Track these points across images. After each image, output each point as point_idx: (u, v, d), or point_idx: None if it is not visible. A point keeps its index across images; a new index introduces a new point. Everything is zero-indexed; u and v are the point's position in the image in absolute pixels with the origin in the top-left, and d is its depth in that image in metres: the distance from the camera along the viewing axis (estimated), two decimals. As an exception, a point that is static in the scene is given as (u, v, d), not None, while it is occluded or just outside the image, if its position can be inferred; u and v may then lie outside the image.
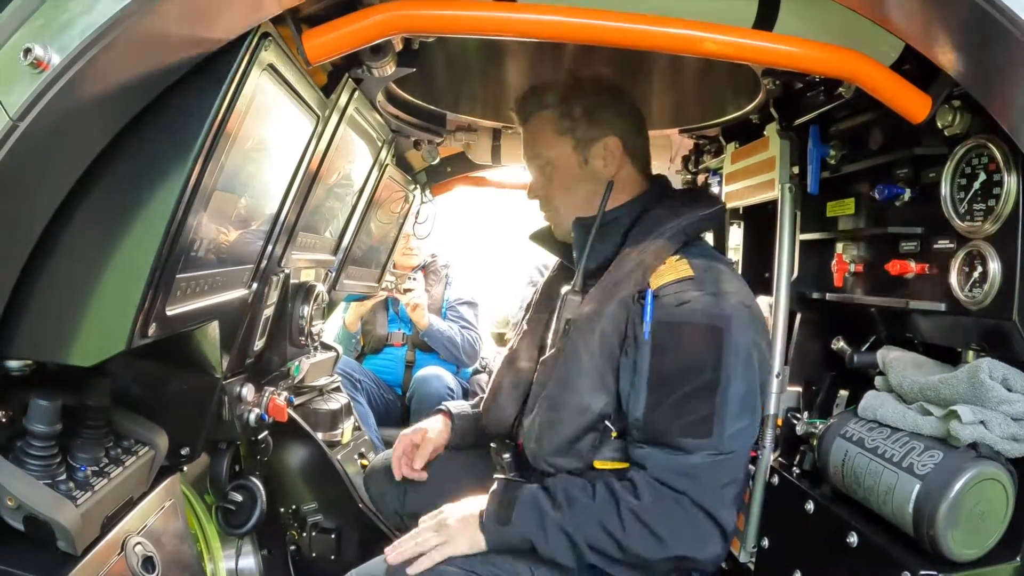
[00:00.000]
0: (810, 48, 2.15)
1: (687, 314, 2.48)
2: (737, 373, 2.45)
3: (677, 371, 2.47)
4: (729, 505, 2.45)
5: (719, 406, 2.43)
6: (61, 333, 2.00)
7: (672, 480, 2.41)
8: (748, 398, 2.49)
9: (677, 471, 2.41)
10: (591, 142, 2.76)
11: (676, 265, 2.58)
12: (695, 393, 2.44)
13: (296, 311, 3.48)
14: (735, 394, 2.44)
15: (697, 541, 2.42)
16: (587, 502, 2.44)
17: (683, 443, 2.42)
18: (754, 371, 2.52)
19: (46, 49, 1.55)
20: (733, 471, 2.46)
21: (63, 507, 2.11)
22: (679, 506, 2.39)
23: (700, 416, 2.43)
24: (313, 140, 2.74)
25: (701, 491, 2.39)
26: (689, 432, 2.42)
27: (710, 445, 2.42)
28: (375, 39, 2.12)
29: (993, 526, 2.19)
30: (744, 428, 2.48)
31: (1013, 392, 2.17)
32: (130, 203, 1.92)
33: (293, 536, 4.10)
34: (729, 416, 2.43)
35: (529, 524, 2.43)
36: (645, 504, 2.39)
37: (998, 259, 2.18)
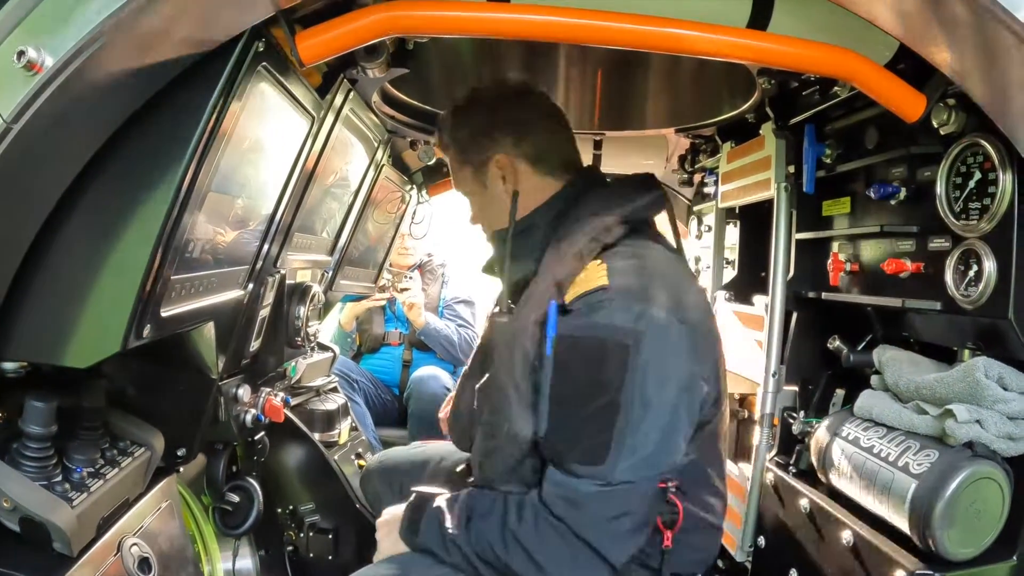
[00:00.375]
0: (804, 47, 2.16)
1: (593, 328, 2.25)
2: (643, 397, 2.19)
3: (576, 391, 2.26)
4: (619, 538, 2.25)
5: (618, 432, 2.19)
6: (56, 335, 2.00)
7: (554, 505, 2.23)
8: (654, 425, 2.22)
9: (561, 496, 2.23)
10: (483, 165, 2.65)
11: (595, 272, 2.34)
12: (593, 416, 2.22)
13: (292, 312, 3.48)
14: (638, 421, 2.19)
15: (579, 572, 2.25)
16: (480, 521, 2.32)
17: (574, 468, 2.22)
18: (670, 395, 2.25)
19: (39, 52, 1.55)
20: (627, 503, 2.23)
21: (59, 508, 2.11)
22: (557, 534, 2.22)
23: (595, 442, 2.21)
24: (308, 141, 2.74)
25: (583, 522, 2.20)
26: (581, 458, 2.22)
27: (599, 474, 2.19)
28: (369, 40, 2.12)
29: (989, 525, 2.20)
30: (645, 459, 2.22)
31: (1009, 391, 2.19)
32: (124, 205, 1.92)
33: (290, 536, 4.10)
34: (627, 445, 2.19)
35: (433, 539, 2.37)
36: (525, 527, 2.24)
37: (993, 258, 2.18)
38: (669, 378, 2.24)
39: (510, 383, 2.36)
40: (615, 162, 4.38)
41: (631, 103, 3.99)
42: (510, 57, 3.40)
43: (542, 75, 3.63)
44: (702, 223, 4.56)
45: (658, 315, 2.24)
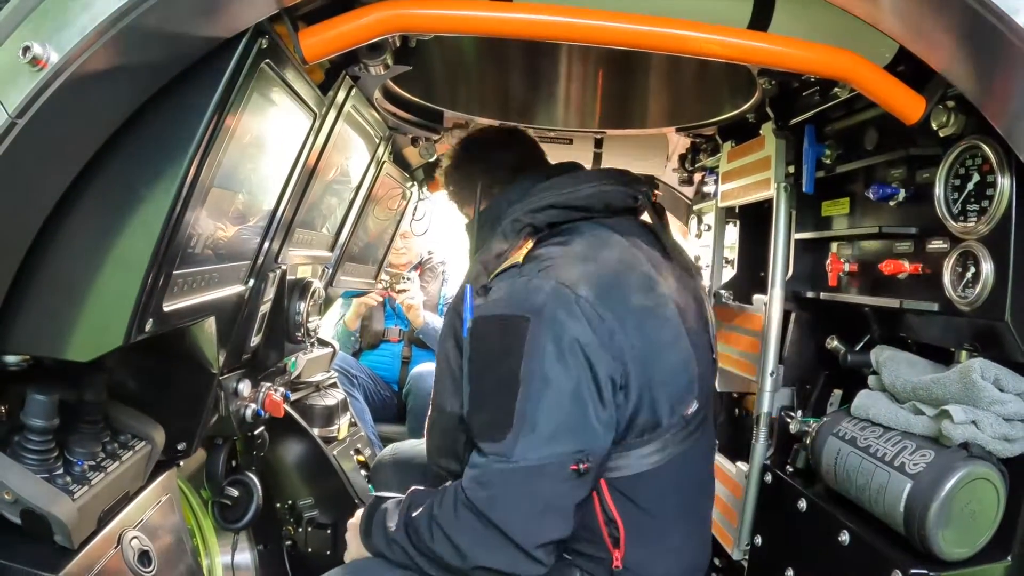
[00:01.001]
0: (803, 48, 2.16)
1: (499, 305, 2.29)
2: (543, 370, 2.17)
3: (483, 367, 2.29)
4: (528, 521, 2.18)
5: (518, 408, 2.17)
6: (59, 328, 2.01)
7: (468, 486, 2.21)
8: (560, 399, 2.18)
9: (473, 478, 2.21)
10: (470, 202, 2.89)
11: (519, 253, 2.41)
12: (495, 390, 2.23)
13: (293, 307, 3.49)
14: (540, 393, 2.17)
15: (495, 555, 2.19)
16: (414, 512, 2.32)
17: (482, 447, 2.22)
18: (577, 370, 2.19)
19: (44, 47, 1.56)
20: (529, 483, 2.18)
21: (60, 501, 2.12)
22: (471, 516, 2.19)
23: (496, 416, 2.20)
24: (310, 137, 2.74)
25: (490, 503, 2.17)
26: (486, 433, 2.22)
27: (500, 451, 2.17)
28: (372, 38, 2.13)
29: (984, 526, 2.20)
30: (552, 435, 2.17)
31: (1005, 392, 2.19)
32: (128, 200, 1.93)
33: (289, 531, 4.12)
34: (530, 420, 2.16)
35: (379, 541, 2.39)
36: (445, 512, 2.23)
37: (991, 260, 2.18)
38: (568, 351, 2.20)
39: (444, 361, 2.48)
40: (616, 161, 4.38)
41: (632, 102, 3.99)
42: (512, 55, 3.41)
43: (544, 73, 3.65)
44: (702, 222, 4.57)
45: (560, 289, 2.25)
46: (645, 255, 2.55)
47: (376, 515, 2.43)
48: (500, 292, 2.32)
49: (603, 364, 2.23)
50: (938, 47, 1.94)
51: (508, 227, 2.48)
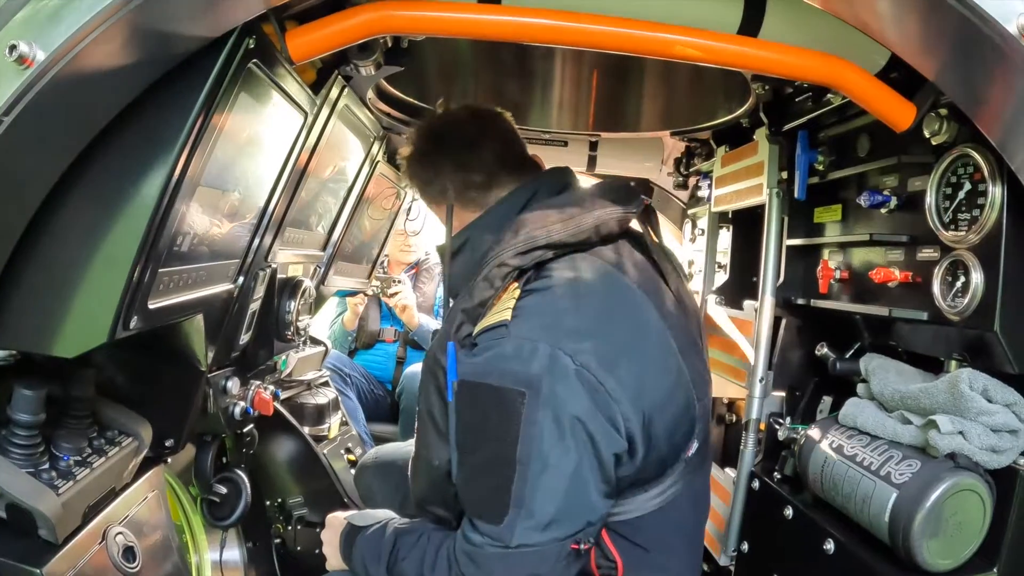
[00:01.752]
0: (792, 54, 2.17)
1: (487, 373, 2.06)
2: (542, 452, 1.99)
3: (475, 442, 2.11)
4: None
5: (515, 492, 2.00)
6: (45, 324, 2.01)
7: (460, 560, 2.09)
8: (559, 482, 2.01)
9: (465, 552, 2.08)
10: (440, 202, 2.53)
11: (506, 302, 2.15)
12: (489, 470, 2.07)
13: (283, 306, 3.49)
14: (538, 477, 2.00)
15: None
16: (402, 562, 2.23)
17: (476, 524, 2.07)
18: (575, 447, 2.01)
19: (31, 46, 1.55)
20: (528, 567, 2.04)
21: (45, 496, 2.12)
22: None
23: (491, 499, 2.05)
24: (301, 136, 2.74)
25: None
26: (480, 513, 2.07)
27: (497, 535, 2.02)
28: (359, 39, 2.14)
29: (970, 537, 2.20)
30: (551, 520, 2.02)
31: (993, 403, 2.19)
32: (114, 198, 1.93)
33: (278, 529, 4.12)
34: (527, 505, 2.00)
35: (360, 571, 2.36)
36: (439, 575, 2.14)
37: (981, 269, 2.19)
38: (568, 429, 2.01)
39: (426, 411, 2.29)
40: (611, 163, 4.40)
41: (627, 105, 4.01)
42: (507, 57, 3.41)
43: (539, 75, 3.65)
44: (696, 226, 4.57)
45: (558, 357, 2.03)
46: (639, 279, 2.32)
47: (356, 546, 2.37)
48: (489, 356, 2.07)
49: (605, 439, 2.04)
50: (929, 55, 1.94)
51: (493, 273, 2.19)
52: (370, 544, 2.34)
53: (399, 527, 2.36)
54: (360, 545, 2.36)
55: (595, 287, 2.20)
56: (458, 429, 2.12)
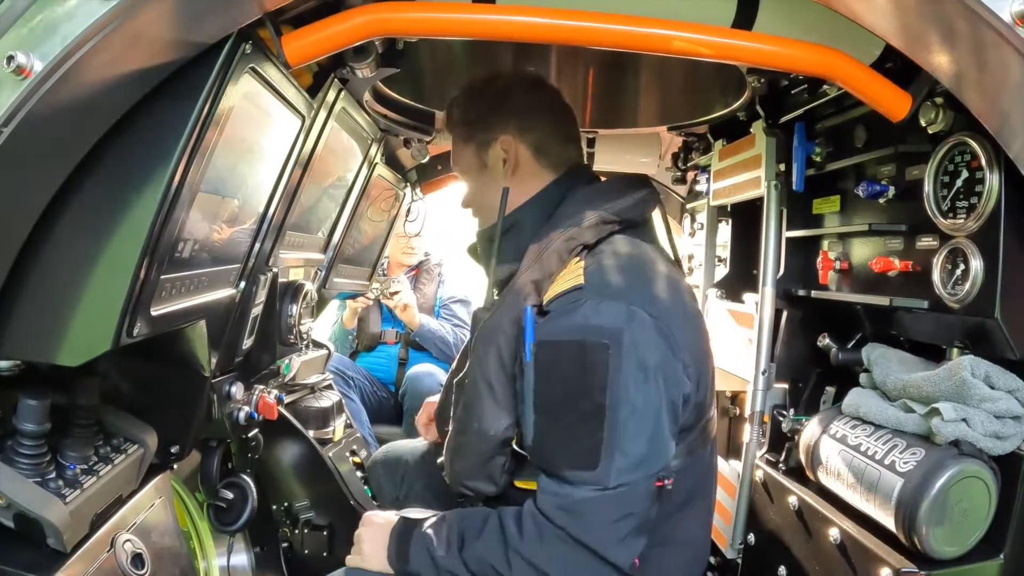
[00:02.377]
0: (787, 47, 2.17)
1: (571, 330, 2.22)
2: (629, 396, 2.16)
3: (562, 396, 2.24)
4: (622, 540, 2.20)
5: (608, 435, 2.16)
6: (48, 333, 2.01)
7: (554, 515, 2.20)
8: (644, 424, 2.19)
9: (559, 505, 2.20)
10: (488, 144, 2.64)
11: (572, 271, 2.35)
12: (581, 420, 2.20)
13: (285, 310, 3.49)
14: (626, 420, 2.17)
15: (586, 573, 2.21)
16: (474, 541, 2.29)
17: (568, 475, 2.20)
18: (656, 392, 2.21)
19: (28, 56, 1.56)
20: (626, 505, 2.19)
21: (52, 505, 2.12)
22: (562, 543, 2.18)
23: (585, 446, 2.18)
24: (299, 140, 2.75)
25: (584, 529, 2.16)
26: (574, 463, 2.20)
27: (595, 479, 2.16)
28: (355, 41, 2.14)
29: (975, 524, 2.21)
30: (639, 459, 2.19)
31: (995, 390, 2.19)
32: (114, 206, 1.93)
33: (285, 533, 4.12)
34: (620, 446, 2.16)
35: (424, 567, 2.33)
36: (528, 540, 2.21)
37: (980, 257, 2.20)
38: (651, 375, 2.20)
39: (482, 380, 2.39)
40: (609, 160, 4.39)
41: (623, 101, 4.01)
42: (501, 55, 3.41)
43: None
44: (695, 221, 4.58)
45: (634, 311, 2.21)
46: (666, 264, 2.54)
47: (414, 539, 2.38)
48: (570, 316, 2.24)
49: (675, 383, 2.27)
50: (923, 44, 1.94)
51: (562, 247, 2.39)
52: (435, 533, 2.36)
53: (459, 512, 2.43)
54: (421, 537, 2.38)
55: (645, 258, 2.43)
56: (539, 389, 2.26)
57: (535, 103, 2.69)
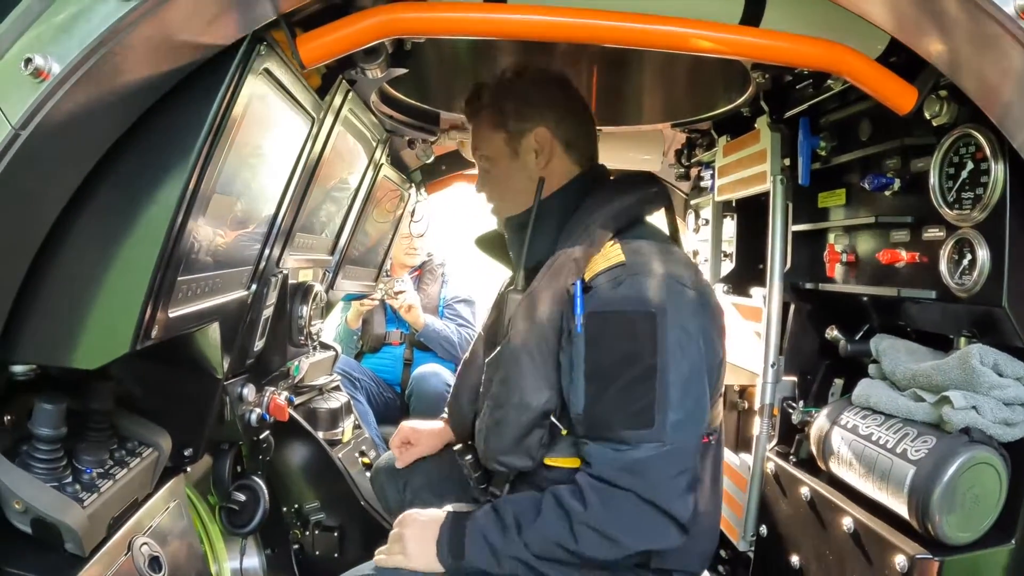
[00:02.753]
0: (795, 42, 2.18)
1: (619, 302, 2.37)
2: (676, 359, 2.32)
3: (613, 362, 2.35)
4: (682, 495, 2.31)
5: (660, 394, 2.29)
6: (65, 337, 2.02)
7: (617, 478, 2.28)
8: (691, 384, 2.35)
9: (621, 467, 2.29)
10: (521, 135, 2.70)
11: (609, 252, 2.47)
12: (633, 383, 2.31)
13: (295, 311, 3.50)
14: (676, 381, 2.31)
15: (652, 535, 2.31)
16: (535, 522, 2.34)
17: (625, 435, 2.30)
18: (698, 355, 2.39)
19: (46, 59, 1.57)
20: (682, 460, 2.32)
21: (70, 509, 2.13)
22: (628, 504, 2.27)
23: (640, 406, 2.30)
24: (308, 142, 2.76)
25: (649, 486, 2.27)
26: (630, 424, 2.30)
27: (652, 436, 2.28)
28: (369, 42, 2.15)
29: (987, 510, 2.22)
30: (689, 415, 2.33)
31: (1004, 377, 2.21)
32: (131, 208, 1.94)
33: (296, 535, 4.12)
34: (671, 404, 2.29)
35: (482, 557, 2.37)
36: (593, 509, 2.28)
37: (987, 246, 2.21)
38: (693, 340, 2.37)
39: (524, 353, 2.47)
40: (613, 157, 4.38)
41: (627, 98, 4.01)
42: (506, 54, 3.42)
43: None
44: (699, 217, 4.59)
45: (674, 284, 2.38)
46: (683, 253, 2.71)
47: (469, 532, 2.42)
48: (615, 289, 2.39)
49: (714, 349, 2.48)
50: (928, 37, 1.95)
51: (597, 233, 2.52)
52: (488, 522, 2.41)
53: (508, 498, 2.53)
54: (476, 528, 2.41)
55: (664, 242, 2.61)
56: (589, 358, 2.37)
57: (567, 99, 2.79)
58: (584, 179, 2.75)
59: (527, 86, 2.76)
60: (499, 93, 2.75)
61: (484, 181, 2.85)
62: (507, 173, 2.76)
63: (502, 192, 2.80)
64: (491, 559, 2.35)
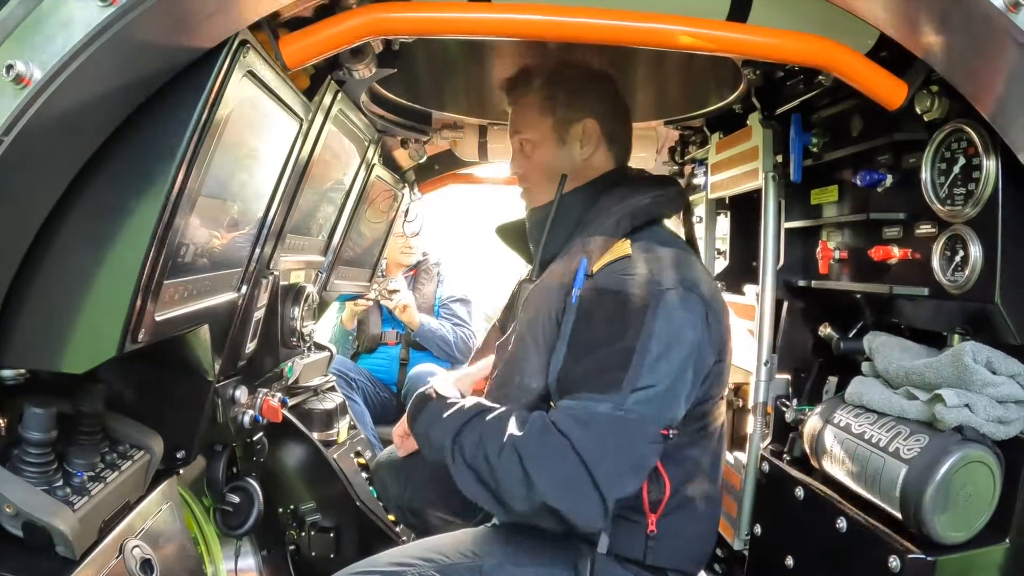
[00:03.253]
0: (782, 38, 2.17)
1: (615, 282, 2.42)
2: (658, 349, 2.31)
3: (597, 336, 2.39)
4: (618, 470, 2.24)
5: (632, 370, 2.28)
6: (53, 341, 2.01)
7: (562, 423, 2.25)
8: (668, 375, 2.32)
9: (571, 415, 2.26)
10: (570, 123, 2.78)
11: (620, 247, 2.53)
12: (610, 355, 2.33)
13: (287, 313, 3.49)
14: (653, 365, 2.29)
15: (569, 494, 2.21)
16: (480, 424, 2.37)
17: (588, 396, 2.29)
18: (680, 354, 2.36)
19: (28, 65, 1.57)
20: (633, 435, 2.27)
21: (61, 512, 2.12)
22: (560, 450, 2.21)
23: (610, 377, 2.29)
24: (298, 143, 2.75)
25: (587, 442, 2.20)
26: (596, 387, 2.29)
27: (613, 400, 2.25)
28: (352, 42, 2.15)
29: (980, 508, 2.21)
30: (657, 397, 2.30)
31: (997, 375, 2.20)
32: (116, 212, 1.93)
33: (292, 536, 4.12)
34: (640, 382, 2.27)
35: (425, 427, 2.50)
36: (527, 437, 2.24)
37: (979, 243, 2.20)
38: (679, 340, 2.36)
39: (530, 337, 2.56)
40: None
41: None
42: (497, 53, 3.41)
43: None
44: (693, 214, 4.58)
45: (672, 284, 2.40)
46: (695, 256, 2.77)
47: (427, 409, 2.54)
48: (615, 273, 2.45)
49: (705, 356, 2.46)
50: (918, 32, 1.95)
51: (613, 225, 2.60)
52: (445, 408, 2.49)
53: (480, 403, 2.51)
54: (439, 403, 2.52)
55: (680, 247, 2.65)
56: (576, 329, 2.45)
57: (614, 95, 2.90)
58: (609, 176, 2.82)
59: (580, 77, 2.88)
60: (552, 80, 2.83)
61: (522, 164, 2.90)
62: (550, 158, 2.82)
63: (540, 177, 2.85)
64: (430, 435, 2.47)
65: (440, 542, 2.65)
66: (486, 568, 2.49)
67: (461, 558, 2.51)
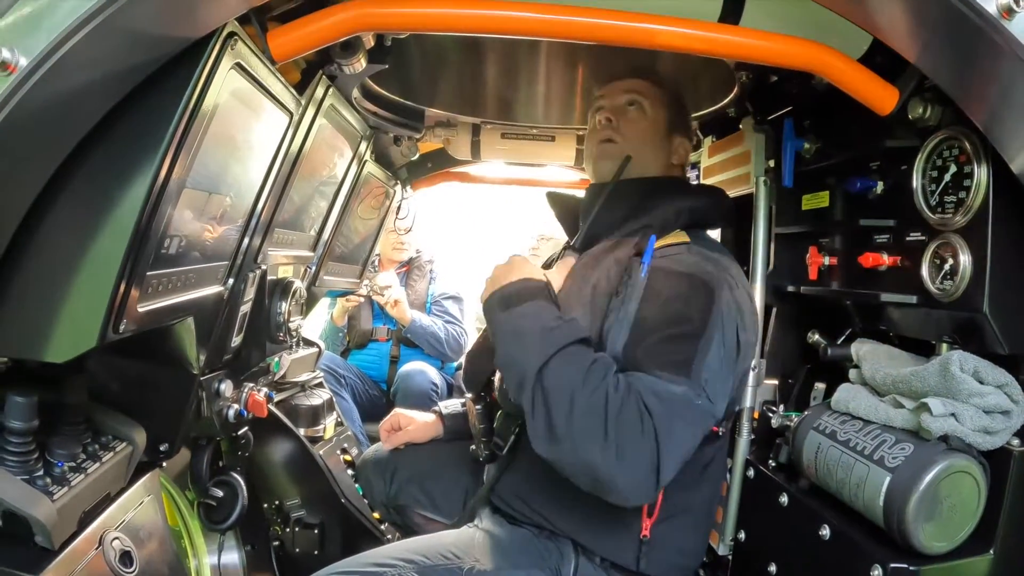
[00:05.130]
0: (774, 41, 2.17)
1: (684, 265, 2.47)
2: (720, 335, 2.34)
3: (666, 315, 2.37)
4: (678, 455, 2.20)
5: (700, 354, 2.28)
6: (34, 330, 2.00)
7: (645, 395, 2.17)
8: (726, 364, 2.36)
9: (652, 390, 2.18)
10: (675, 133, 2.95)
11: (677, 236, 2.65)
12: (679, 337, 2.31)
13: (274, 307, 3.48)
14: (716, 352, 2.32)
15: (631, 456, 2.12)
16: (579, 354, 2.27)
17: (662, 375, 2.23)
18: (733, 345, 2.40)
19: (13, 52, 1.55)
20: (698, 420, 2.27)
21: (40, 502, 2.12)
22: (638, 420, 2.13)
23: (679, 359, 2.27)
24: (287, 137, 2.74)
25: (663, 417, 2.15)
26: (669, 368, 2.24)
27: (690, 384, 2.23)
28: (340, 36, 2.15)
29: (965, 519, 2.20)
30: (718, 388, 2.33)
31: (984, 384, 2.19)
32: (100, 202, 1.93)
33: (276, 531, 4.11)
34: (708, 367, 2.28)
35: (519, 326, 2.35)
36: (618, 397, 2.15)
37: (968, 251, 2.20)
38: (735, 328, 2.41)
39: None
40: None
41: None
42: (490, 51, 3.41)
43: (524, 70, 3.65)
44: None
45: (730, 278, 2.47)
46: None
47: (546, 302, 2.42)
48: (680, 256, 2.55)
49: (746, 351, 2.50)
50: (911, 38, 1.95)
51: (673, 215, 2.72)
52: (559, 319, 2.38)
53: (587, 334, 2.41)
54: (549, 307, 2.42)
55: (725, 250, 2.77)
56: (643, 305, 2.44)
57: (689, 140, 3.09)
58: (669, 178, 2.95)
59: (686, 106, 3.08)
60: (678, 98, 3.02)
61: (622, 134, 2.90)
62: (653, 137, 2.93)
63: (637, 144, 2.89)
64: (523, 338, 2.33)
65: (422, 543, 2.63)
66: (467, 571, 2.47)
67: (442, 560, 2.51)
